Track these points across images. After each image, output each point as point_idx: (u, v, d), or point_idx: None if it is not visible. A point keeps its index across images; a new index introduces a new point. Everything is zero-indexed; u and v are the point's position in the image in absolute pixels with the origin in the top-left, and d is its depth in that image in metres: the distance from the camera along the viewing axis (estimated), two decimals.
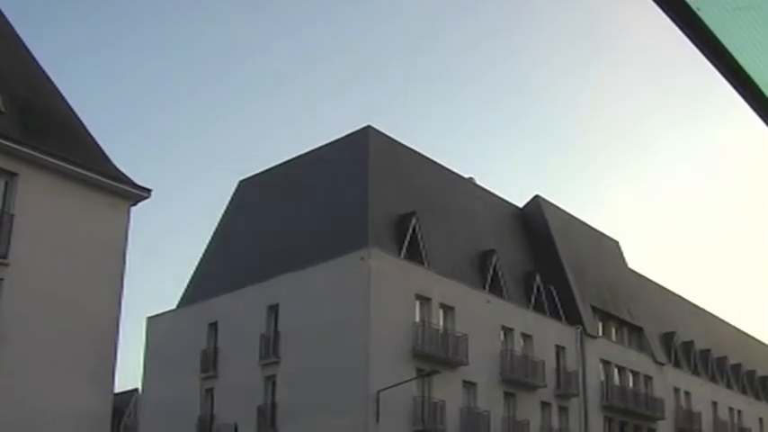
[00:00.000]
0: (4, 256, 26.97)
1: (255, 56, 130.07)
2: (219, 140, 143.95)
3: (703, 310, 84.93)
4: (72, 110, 31.83)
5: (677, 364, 69.96)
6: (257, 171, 58.06)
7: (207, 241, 57.61)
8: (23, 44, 31.45)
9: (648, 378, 63.82)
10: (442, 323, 46.29)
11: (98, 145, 31.83)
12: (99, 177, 29.72)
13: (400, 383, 40.83)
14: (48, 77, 31.93)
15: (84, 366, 28.18)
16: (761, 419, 79.27)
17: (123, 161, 31.58)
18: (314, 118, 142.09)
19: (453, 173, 57.77)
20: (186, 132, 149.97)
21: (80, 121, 32.38)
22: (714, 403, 72.63)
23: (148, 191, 30.97)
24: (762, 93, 4.00)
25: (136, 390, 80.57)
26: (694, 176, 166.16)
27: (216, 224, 58.11)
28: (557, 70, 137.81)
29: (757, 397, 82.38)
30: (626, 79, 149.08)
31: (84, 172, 29.30)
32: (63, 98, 31.91)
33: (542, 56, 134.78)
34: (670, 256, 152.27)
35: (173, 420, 46.59)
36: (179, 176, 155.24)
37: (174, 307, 54.54)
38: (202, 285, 53.39)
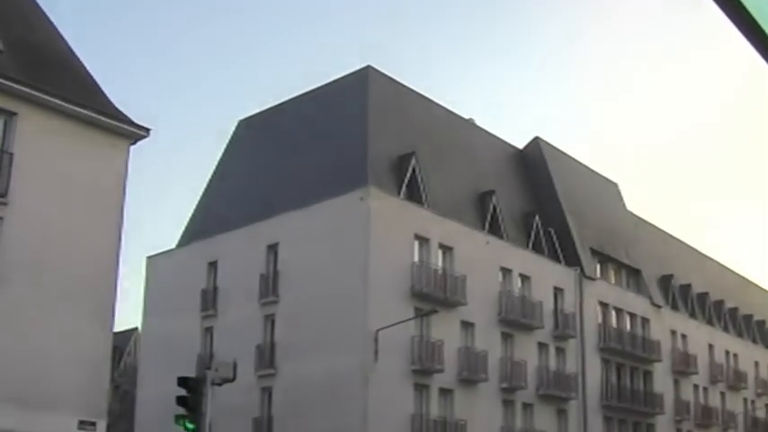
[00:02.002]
0: (4, 195, 27.00)
1: None
2: (219, 80, 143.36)
3: (702, 254, 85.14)
4: (71, 49, 31.69)
5: (675, 307, 70.29)
6: (257, 111, 57.94)
7: (206, 181, 57.63)
8: None
9: (646, 320, 64.15)
10: (440, 263, 46.43)
11: (97, 84, 31.74)
12: (98, 116, 29.67)
13: (399, 323, 41.09)
14: (46, 16, 31.77)
15: (85, 305, 28.34)
16: (756, 363, 79.91)
17: (122, 100, 31.48)
18: (314, 58, 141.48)
19: (453, 113, 57.60)
20: (185, 72, 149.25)
21: (79, 60, 32.25)
22: (710, 346, 73.10)
23: (147, 130, 30.95)
24: (762, 30, 4.00)
25: (136, 329, 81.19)
26: (694, 118, 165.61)
27: (215, 164, 58.08)
28: (556, 7, 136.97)
29: (753, 340, 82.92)
30: (627, 18, 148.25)
31: (84, 111, 29.25)
32: (62, 37, 31.77)
33: None
34: (669, 199, 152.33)
35: (172, 358, 46.86)
36: (179, 116, 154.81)
37: (173, 246, 54.70)
38: (202, 224, 53.48)
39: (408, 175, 47.64)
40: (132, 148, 31.03)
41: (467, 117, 59.70)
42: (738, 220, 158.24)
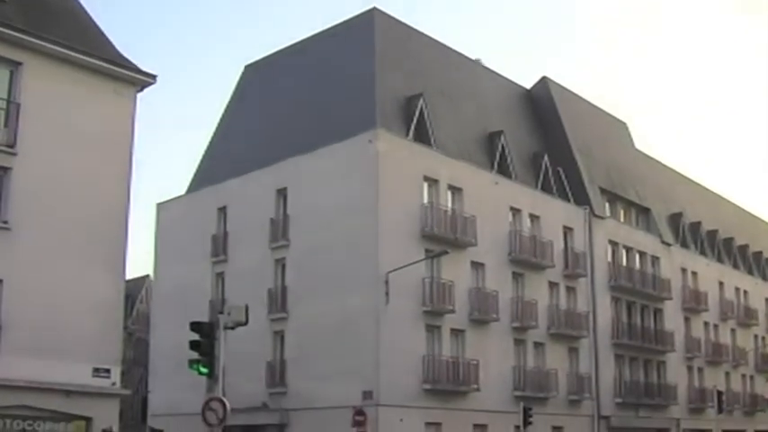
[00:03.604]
0: (12, 146, 27.05)
1: None
2: (225, 25, 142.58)
3: (711, 191, 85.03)
4: None
5: (684, 245, 70.28)
6: (263, 55, 57.66)
7: (214, 126, 57.55)
8: None
9: (656, 258, 64.18)
10: (450, 204, 46.36)
11: (102, 32, 31.68)
12: (104, 64, 29.62)
13: (409, 264, 41.15)
14: None
15: (96, 253, 28.48)
16: (767, 300, 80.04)
17: (128, 48, 31.43)
18: (320, 1, 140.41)
19: (460, 54, 57.24)
20: (191, 18, 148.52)
21: (83, 8, 32.16)
22: (720, 283, 73.20)
23: (154, 76, 30.92)
24: None
25: (147, 276, 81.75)
26: (705, 54, 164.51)
27: (223, 109, 57.96)
28: None
29: (764, 278, 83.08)
30: None
31: (89, 59, 29.22)
32: None
33: None
34: (678, 138, 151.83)
35: (184, 304, 47.08)
36: (185, 63, 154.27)
37: (183, 193, 54.73)
38: (211, 170, 53.47)
39: (416, 116, 47.44)
40: (140, 95, 31.04)
41: (474, 58, 59.38)
42: (749, 158, 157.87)
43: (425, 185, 45.21)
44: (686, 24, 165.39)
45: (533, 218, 52.15)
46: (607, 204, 61.58)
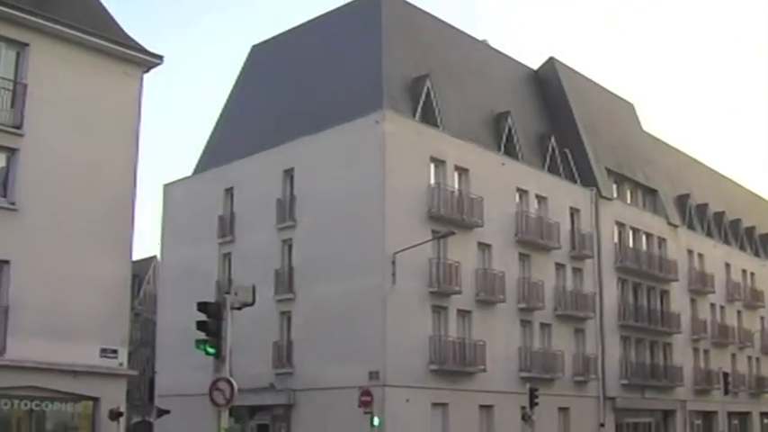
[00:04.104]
0: (19, 127, 27.05)
1: None
2: (231, 6, 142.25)
3: (718, 173, 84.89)
4: None
5: (691, 226, 70.21)
6: (270, 36, 57.57)
7: (221, 107, 57.53)
8: None
9: (662, 240, 64.14)
10: (456, 185, 46.32)
11: (108, 13, 31.63)
12: (110, 45, 29.58)
13: (416, 245, 41.16)
14: None
15: (103, 234, 28.50)
16: None
17: (135, 29, 31.41)
18: None
19: (467, 35, 57.13)
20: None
21: None
22: (727, 265, 73.17)
23: (160, 57, 30.89)
24: None
25: (154, 257, 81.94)
26: (712, 33, 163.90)
27: (230, 90, 57.92)
28: None
29: None
30: None
31: (96, 40, 29.18)
32: None
33: None
34: (685, 119, 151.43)
35: (191, 285, 47.13)
36: (192, 44, 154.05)
37: (190, 174, 54.76)
38: (218, 151, 53.49)
39: (423, 97, 47.37)
40: (147, 77, 31.02)
41: (481, 38, 59.25)
42: (757, 139, 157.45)
43: (432, 166, 45.17)
44: (696, 4, 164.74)
45: (540, 199, 52.11)
46: (614, 185, 61.49)
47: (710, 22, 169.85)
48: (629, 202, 63.14)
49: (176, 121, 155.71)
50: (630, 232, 60.82)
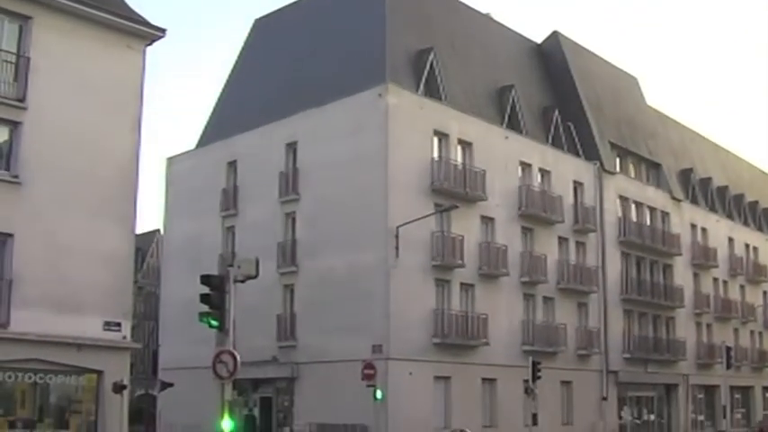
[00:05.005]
0: (22, 100, 27.00)
1: None
2: None
3: (722, 147, 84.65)
4: None
5: (694, 201, 70.11)
6: (273, 9, 57.37)
7: (224, 81, 57.40)
8: None
9: (666, 214, 64.08)
10: (460, 159, 46.25)
11: None
12: (113, 18, 29.47)
13: (419, 219, 41.16)
14: None
15: (106, 207, 28.47)
16: None
17: (137, 2, 31.22)
18: None
19: (471, 8, 56.86)
20: None
21: None
22: (730, 239, 73.12)
23: (163, 30, 30.77)
24: None
25: (157, 230, 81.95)
26: (714, 9, 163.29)
27: (233, 63, 57.77)
28: None
29: None
30: None
31: (99, 13, 29.05)
32: None
33: None
34: (689, 93, 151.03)
35: (194, 258, 47.23)
36: (195, 17, 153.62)
37: (193, 147, 54.72)
38: (221, 125, 53.43)
39: (426, 70, 47.23)
40: (150, 50, 30.89)
41: (484, 12, 59.04)
42: (761, 114, 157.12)
43: (435, 140, 45.08)
44: None
45: (543, 173, 52.03)
46: (617, 159, 61.39)
47: None
48: (632, 176, 63.02)
49: (180, 94, 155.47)
50: (634, 206, 60.74)
